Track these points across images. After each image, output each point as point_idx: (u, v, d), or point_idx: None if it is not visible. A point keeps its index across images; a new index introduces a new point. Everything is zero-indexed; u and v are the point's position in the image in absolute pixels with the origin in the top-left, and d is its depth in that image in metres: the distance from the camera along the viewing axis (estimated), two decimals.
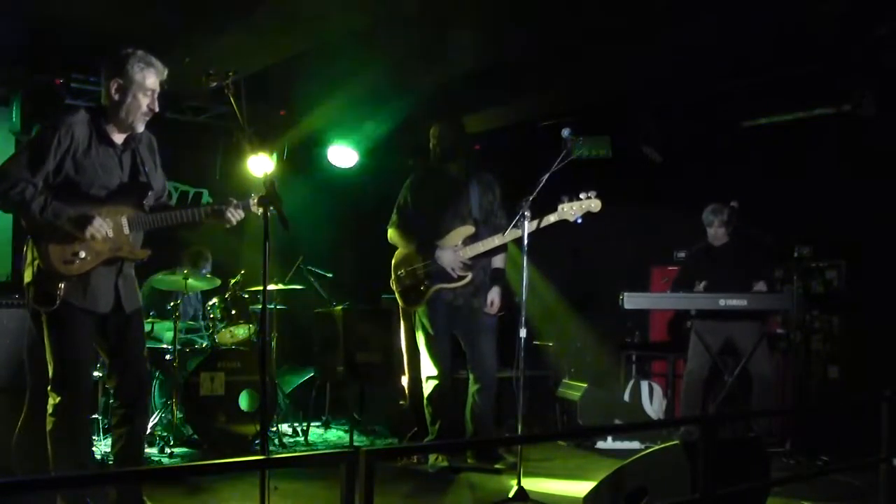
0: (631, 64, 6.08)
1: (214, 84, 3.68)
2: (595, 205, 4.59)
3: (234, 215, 3.79)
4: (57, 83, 6.29)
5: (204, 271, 6.23)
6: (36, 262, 3.55)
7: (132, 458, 3.73)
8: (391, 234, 5.35)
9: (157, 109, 3.67)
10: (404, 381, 5.84)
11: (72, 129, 3.53)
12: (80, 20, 5.28)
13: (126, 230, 3.63)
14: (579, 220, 4.62)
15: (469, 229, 5.09)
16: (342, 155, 7.70)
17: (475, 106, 7.05)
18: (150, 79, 3.62)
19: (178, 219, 3.75)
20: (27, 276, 3.62)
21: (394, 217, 5.38)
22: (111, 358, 3.74)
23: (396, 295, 5.31)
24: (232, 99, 3.66)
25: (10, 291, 5.33)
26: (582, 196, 4.57)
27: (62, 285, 3.50)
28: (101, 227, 3.50)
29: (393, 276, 5.31)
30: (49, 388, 3.59)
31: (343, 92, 6.50)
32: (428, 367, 5.19)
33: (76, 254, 3.52)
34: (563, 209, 4.61)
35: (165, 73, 3.69)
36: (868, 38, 5.43)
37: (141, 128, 3.69)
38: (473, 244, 5.04)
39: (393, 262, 5.33)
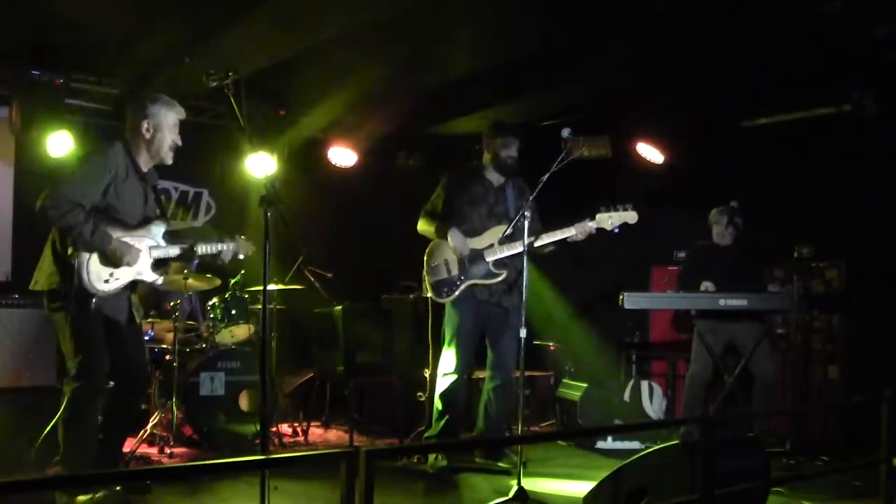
0: (631, 64, 6.08)
1: (214, 84, 3.78)
2: (632, 216, 4.77)
3: (234, 250, 4.35)
4: (57, 83, 6.28)
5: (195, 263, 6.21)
6: (75, 274, 3.88)
7: (120, 442, 4.28)
8: (420, 223, 5.34)
9: (179, 143, 4.15)
10: (427, 373, 5.81)
11: (116, 159, 3.99)
12: (80, 20, 5.28)
13: (148, 257, 4.09)
14: (617, 230, 4.76)
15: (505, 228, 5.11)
16: (342, 155, 7.70)
17: (475, 106, 7.05)
18: (172, 118, 4.11)
19: (189, 252, 4.25)
20: (64, 282, 3.91)
21: (425, 208, 5.35)
22: (115, 355, 4.08)
23: (427, 286, 5.28)
24: (232, 99, 3.71)
25: (10, 291, 5.34)
26: (619, 207, 4.73)
27: (94, 301, 3.91)
28: (136, 255, 3.99)
29: (425, 266, 5.29)
30: (66, 378, 3.98)
31: (343, 92, 6.50)
32: (448, 363, 5.18)
33: (112, 275, 3.96)
34: (600, 218, 4.77)
35: (183, 113, 4.18)
36: (868, 38, 5.43)
37: (170, 160, 4.15)
38: (510, 243, 5.04)
39: (426, 252, 5.31)
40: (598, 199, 4.94)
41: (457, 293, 5.13)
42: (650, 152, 7.01)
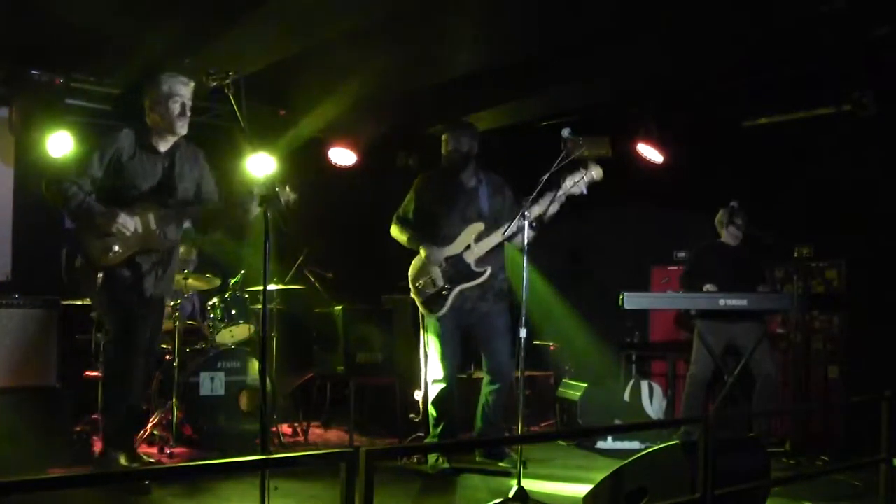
0: (631, 64, 6.08)
1: (214, 84, 3.77)
2: (597, 173, 4.68)
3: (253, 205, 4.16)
4: (57, 83, 6.28)
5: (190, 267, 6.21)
6: (80, 254, 4.17)
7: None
8: (393, 228, 5.37)
9: (187, 114, 4.26)
10: (418, 395, 5.71)
11: (116, 141, 4.18)
12: (80, 20, 5.28)
13: (153, 225, 4.21)
14: (585, 192, 4.69)
15: (479, 226, 5.09)
16: (342, 155, 7.69)
17: (475, 106, 7.04)
18: (176, 87, 4.22)
19: (199, 211, 4.37)
20: (76, 263, 4.22)
21: (397, 213, 5.38)
22: None
23: (419, 305, 5.27)
24: (232, 99, 3.71)
25: (10, 291, 5.34)
26: (581, 169, 4.63)
27: (100, 275, 4.12)
28: (127, 221, 4.09)
29: (412, 288, 5.27)
30: (103, 344, 4.30)
31: (343, 92, 6.50)
32: (435, 371, 5.18)
33: (110, 247, 4.12)
34: (566, 185, 4.66)
35: (192, 85, 4.26)
36: (868, 38, 5.43)
37: (182, 130, 4.29)
38: (485, 239, 5.04)
39: (409, 273, 5.30)
40: (598, 198, 4.93)
41: (448, 304, 5.10)
42: (650, 152, 7.01)
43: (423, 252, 5.12)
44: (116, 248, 4.13)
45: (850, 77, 5.95)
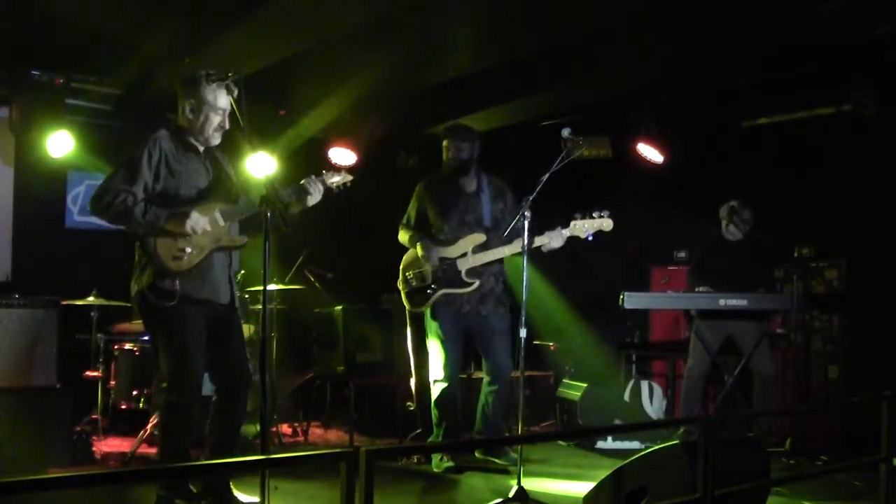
0: (632, 64, 6.08)
1: (215, 84, 3.74)
2: (607, 224, 4.73)
3: (315, 189, 4.15)
4: (57, 83, 6.29)
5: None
6: (147, 267, 3.81)
7: (227, 448, 4.02)
8: (400, 235, 5.41)
9: (227, 126, 3.93)
10: (412, 383, 5.84)
11: (158, 142, 3.84)
12: (80, 20, 5.28)
13: (221, 222, 3.89)
14: (590, 238, 4.75)
15: (479, 237, 5.11)
16: (342, 155, 7.69)
17: (475, 106, 7.04)
18: (221, 99, 3.85)
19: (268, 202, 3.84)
20: (138, 284, 3.85)
21: (402, 220, 5.44)
22: (216, 349, 3.95)
23: (402, 296, 5.33)
24: (232, 99, 3.71)
25: (10, 291, 5.34)
26: (595, 214, 4.70)
27: (177, 281, 3.77)
28: (199, 220, 3.78)
29: (401, 276, 5.33)
30: (163, 385, 3.87)
31: (343, 92, 6.50)
32: (436, 371, 5.20)
33: (182, 250, 3.79)
34: (574, 225, 4.76)
35: (236, 92, 3.82)
36: (868, 38, 5.43)
37: (216, 141, 3.97)
38: (483, 252, 5.06)
39: (402, 263, 5.34)
40: (598, 199, 4.94)
41: (429, 302, 5.16)
42: (650, 152, 7.01)
43: (419, 248, 5.14)
44: (189, 249, 3.79)
45: (850, 77, 5.95)
